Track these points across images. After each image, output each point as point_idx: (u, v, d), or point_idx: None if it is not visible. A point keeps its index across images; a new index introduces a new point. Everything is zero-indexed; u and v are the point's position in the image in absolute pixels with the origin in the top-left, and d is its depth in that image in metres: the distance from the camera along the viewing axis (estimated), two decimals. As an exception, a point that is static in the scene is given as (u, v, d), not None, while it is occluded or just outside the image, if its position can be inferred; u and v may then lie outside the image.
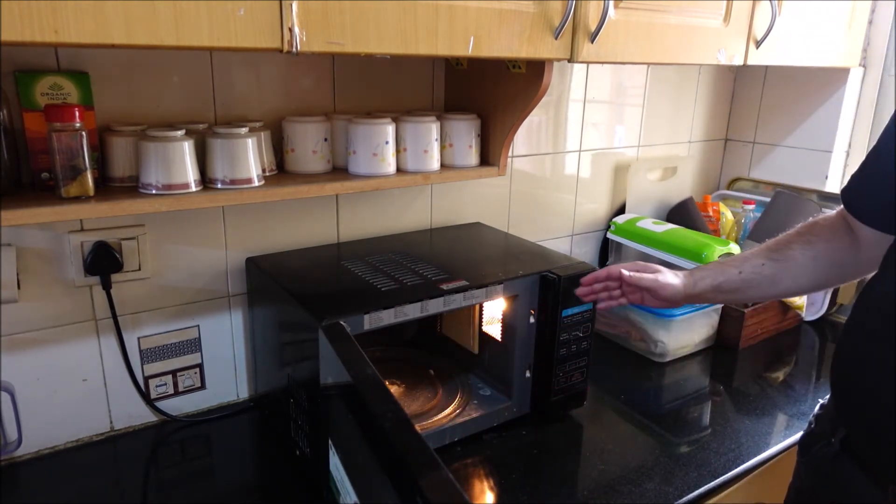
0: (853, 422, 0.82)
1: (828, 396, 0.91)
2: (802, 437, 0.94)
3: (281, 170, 1.09)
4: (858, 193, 0.87)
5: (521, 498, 0.97)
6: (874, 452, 0.79)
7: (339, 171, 1.11)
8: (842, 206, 0.91)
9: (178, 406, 1.16)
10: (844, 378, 0.84)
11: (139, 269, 1.06)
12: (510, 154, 1.44)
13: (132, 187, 0.91)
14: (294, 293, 0.98)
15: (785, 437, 1.14)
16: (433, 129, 1.12)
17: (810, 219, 0.97)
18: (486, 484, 1.01)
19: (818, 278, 0.94)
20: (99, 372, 1.07)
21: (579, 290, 1.05)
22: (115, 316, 1.05)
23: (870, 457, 0.80)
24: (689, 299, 1.00)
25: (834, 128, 1.63)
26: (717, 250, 1.36)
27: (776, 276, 0.94)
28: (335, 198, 1.24)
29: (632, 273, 1.01)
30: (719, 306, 1.47)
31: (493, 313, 1.18)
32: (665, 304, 1.01)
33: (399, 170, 1.11)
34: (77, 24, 0.62)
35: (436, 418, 1.10)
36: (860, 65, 1.59)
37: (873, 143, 0.84)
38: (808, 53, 1.39)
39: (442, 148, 1.16)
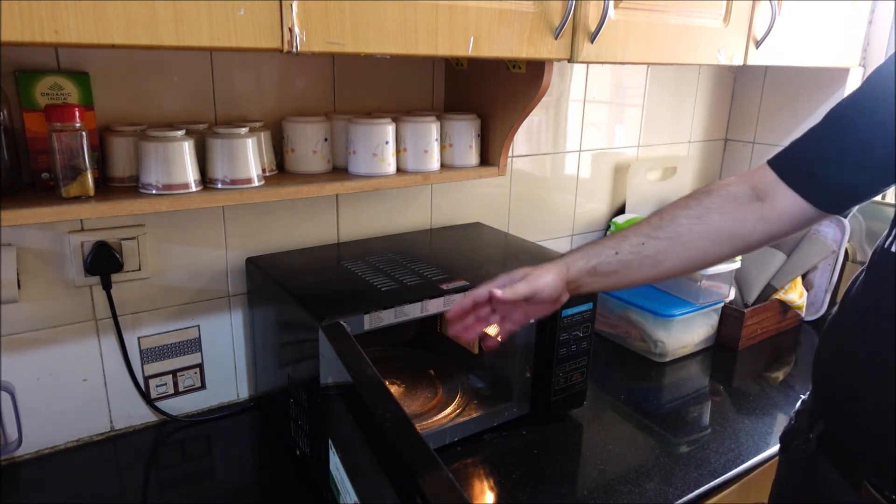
0: (832, 418, 0.82)
1: (808, 392, 0.91)
2: (783, 434, 0.94)
3: (281, 170, 1.09)
4: (797, 164, 0.82)
5: (521, 498, 0.97)
6: (850, 449, 0.79)
7: (339, 171, 1.11)
8: (748, 171, 0.85)
9: (179, 406, 1.16)
10: (823, 371, 0.84)
11: (139, 269, 1.06)
12: (510, 154, 1.44)
13: (132, 187, 0.91)
14: (294, 293, 0.98)
15: (785, 437, 1.15)
16: (433, 129, 1.12)
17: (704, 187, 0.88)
18: (486, 484, 1.01)
19: (709, 253, 0.85)
20: (99, 372, 1.07)
21: (451, 330, 0.89)
22: (115, 316, 1.05)
23: (845, 454, 0.80)
24: (569, 286, 0.87)
25: (834, 128, 1.63)
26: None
27: (659, 254, 0.84)
28: (335, 198, 1.24)
29: (505, 289, 0.85)
30: (719, 305, 1.47)
31: (493, 313, 1.18)
32: (550, 305, 0.88)
33: (399, 170, 1.11)
34: (77, 24, 0.62)
35: (436, 418, 1.10)
36: (860, 65, 1.59)
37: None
38: (808, 53, 1.39)
39: (442, 148, 1.16)
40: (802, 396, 0.93)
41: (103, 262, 1.01)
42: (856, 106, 0.79)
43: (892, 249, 0.73)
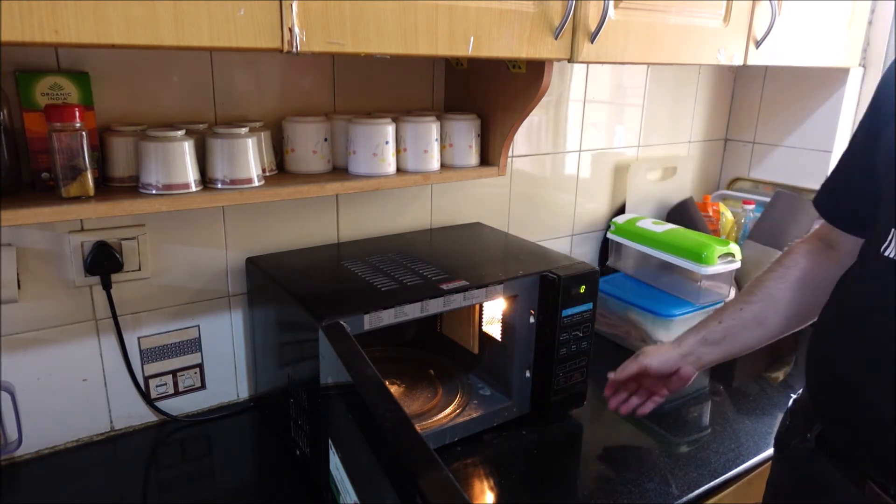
0: (828, 416, 0.82)
1: (801, 390, 0.91)
2: (778, 433, 0.94)
3: (281, 170, 1.09)
4: (834, 201, 0.89)
5: (521, 498, 0.97)
6: (850, 448, 0.79)
7: (339, 171, 1.11)
8: (816, 226, 0.93)
9: (179, 406, 1.16)
10: (819, 373, 0.84)
11: (139, 269, 1.06)
12: (510, 154, 1.44)
13: (132, 187, 0.91)
14: (294, 293, 0.98)
15: (785, 437, 1.14)
16: (433, 129, 1.12)
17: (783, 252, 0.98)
18: (486, 484, 1.01)
19: (802, 307, 0.93)
20: (99, 372, 1.07)
21: (610, 405, 1.10)
22: (115, 316, 1.05)
23: (845, 452, 0.80)
24: (688, 360, 1.00)
25: (834, 128, 1.63)
26: (717, 250, 1.36)
27: (758, 316, 0.94)
28: (335, 198, 1.24)
29: (617, 372, 1.06)
30: (719, 305, 1.46)
31: (493, 313, 1.18)
32: (676, 378, 1.02)
33: (399, 170, 1.11)
34: (77, 24, 0.62)
35: (436, 418, 1.10)
36: (860, 65, 1.59)
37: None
38: (808, 53, 1.39)
39: (442, 148, 1.16)
40: (794, 395, 0.94)
41: (103, 262, 1.01)
42: (856, 134, 0.84)
43: (887, 254, 0.73)
